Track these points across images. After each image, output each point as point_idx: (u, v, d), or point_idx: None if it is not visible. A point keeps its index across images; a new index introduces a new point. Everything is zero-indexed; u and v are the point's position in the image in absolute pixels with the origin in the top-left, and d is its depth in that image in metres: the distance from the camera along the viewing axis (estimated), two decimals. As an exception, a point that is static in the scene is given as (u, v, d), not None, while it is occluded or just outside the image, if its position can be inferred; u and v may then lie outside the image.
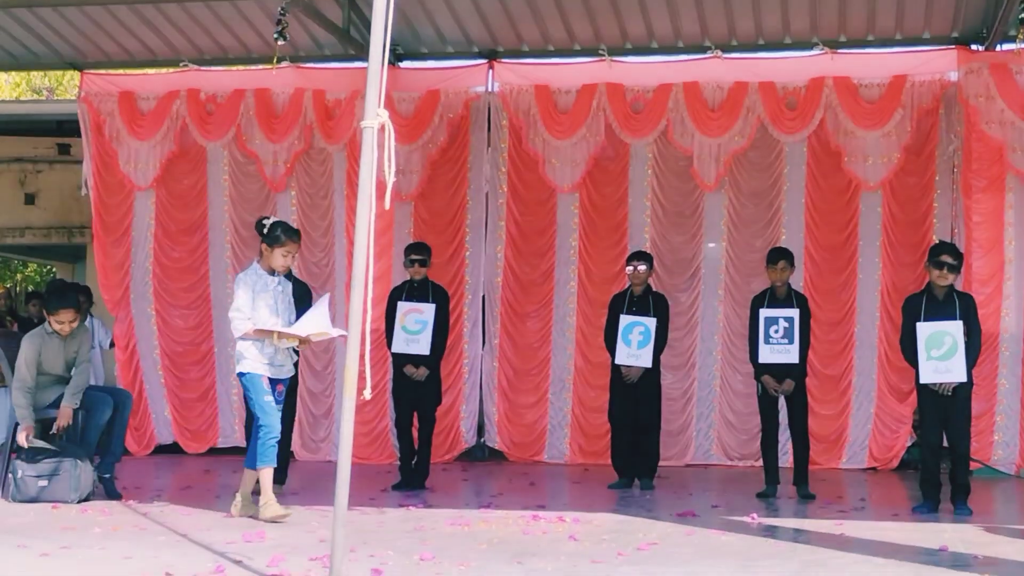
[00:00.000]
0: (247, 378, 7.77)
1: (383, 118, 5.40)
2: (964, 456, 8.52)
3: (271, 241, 7.80)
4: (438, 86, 11.70)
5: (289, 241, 7.85)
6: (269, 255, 7.83)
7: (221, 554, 6.32)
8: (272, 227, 7.84)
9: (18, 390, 8.63)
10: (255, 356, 7.75)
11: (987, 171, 10.71)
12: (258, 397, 7.73)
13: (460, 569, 5.98)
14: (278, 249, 7.80)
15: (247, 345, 7.75)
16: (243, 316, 7.72)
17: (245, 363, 7.75)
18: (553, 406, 11.67)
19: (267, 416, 7.72)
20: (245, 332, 7.71)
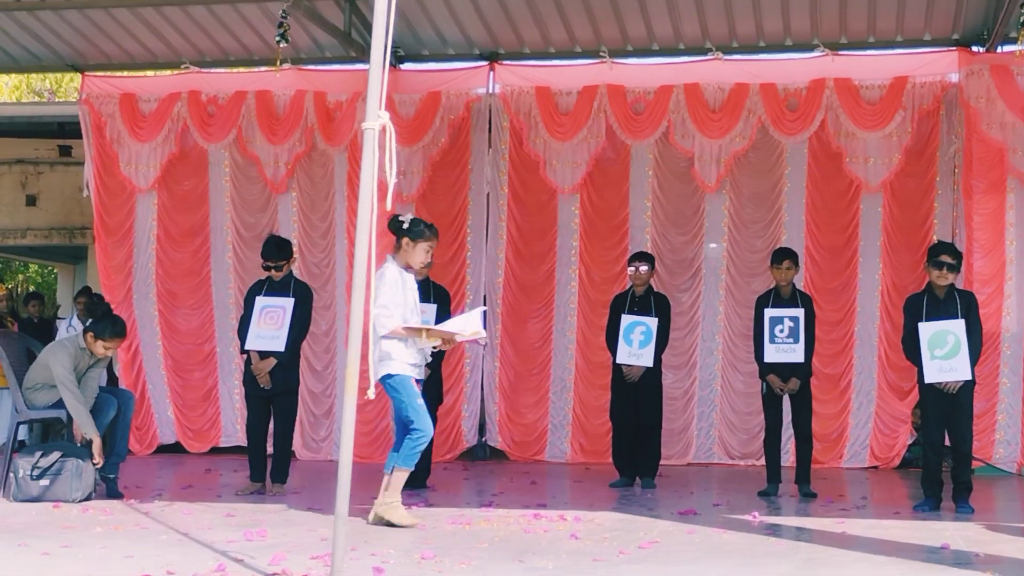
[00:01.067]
0: (397, 380, 7.39)
1: (384, 120, 5.40)
2: (966, 454, 8.53)
3: (415, 236, 7.51)
4: (439, 88, 11.72)
5: (433, 236, 7.65)
6: (410, 250, 7.54)
7: (223, 553, 6.30)
8: (414, 222, 7.56)
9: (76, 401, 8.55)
10: (402, 356, 7.40)
11: (988, 173, 10.73)
12: (410, 400, 7.42)
13: (461, 568, 5.98)
14: (422, 244, 7.56)
15: (393, 344, 7.38)
16: (389, 313, 7.34)
17: (393, 364, 7.38)
18: (554, 406, 11.68)
19: (421, 420, 7.42)
20: (392, 330, 7.37)
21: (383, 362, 7.39)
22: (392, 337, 7.38)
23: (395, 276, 7.48)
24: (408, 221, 7.58)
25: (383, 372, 7.39)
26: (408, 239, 7.54)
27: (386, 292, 7.37)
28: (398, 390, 7.41)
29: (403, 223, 7.56)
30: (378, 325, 7.29)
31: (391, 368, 7.39)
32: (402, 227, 7.56)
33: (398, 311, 7.40)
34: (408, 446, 7.46)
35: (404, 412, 7.44)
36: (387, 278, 7.42)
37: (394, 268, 7.52)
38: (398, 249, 7.60)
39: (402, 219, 7.59)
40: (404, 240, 7.55)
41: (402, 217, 7.61)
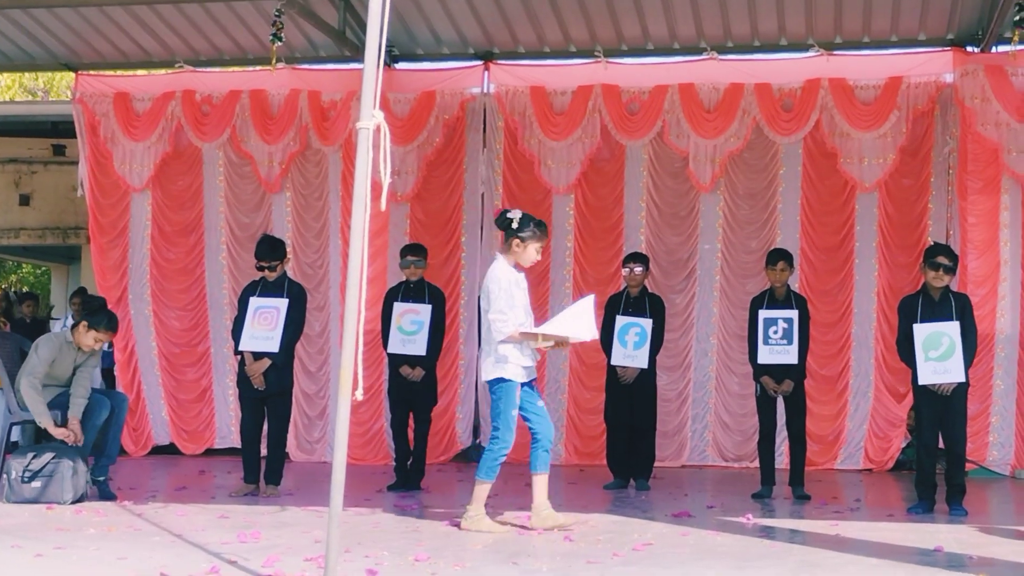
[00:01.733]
0: (505, 387, 7.32)
1: (379, 119, 5.39)
2: (960, 457, 8.54)
3: (526, 236, 7.35)
4: (434, 87, 11.70)
5: (543, 235, 7.52)
6: (521, 251, 7.38)
7: (216, 554, 6.30)
8: (524, 221, 7.36)
9: (30, 387, 8.59)
10: (517, 361, 7.31)
11: (983, 173, 10.72)
12: (508, 409, 7.32)
13: (455, 570, 5.98)
14: (534, 244, 7.38)
15: (509, 348, 7.29)
16: (505, 318, 7.25)
17: (508, 368, 7.30)
18: (548, 407, 11.60)
19: (508, 432, 7.37)
20: (510, 335, 7.29)
21: (499, 365, 7.33)
22: (508, 341, 7.30)
23: (509, 278, 7.37)
24: (518, 220, 7.38)
25: (496, 375, 7.34)
26: (519, 239, 7.39)
27: (502, 297, 7.28)
28: (501, 397, 7.36)
29: (512, 221, 7.39)
30: (495, 330, 7.28)
31: (505, 372, 7.33)
32: (511, 226, 7.39)
33: (513, 315, 7.31)
34: (488, 457, 7.45)
35: (496, 419, 7.40)
36: (502, 281, 7.32)
37: (507, 269, 7.40)
38: (507, 248, 7.44)
39: (511, 216, 7.41)
40: (514, 240, 7.39)
41: (511, 214, 7.43)
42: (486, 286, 7.41)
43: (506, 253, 7.44)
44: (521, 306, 7.38)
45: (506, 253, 7.44)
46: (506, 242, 7.43)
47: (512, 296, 7.31)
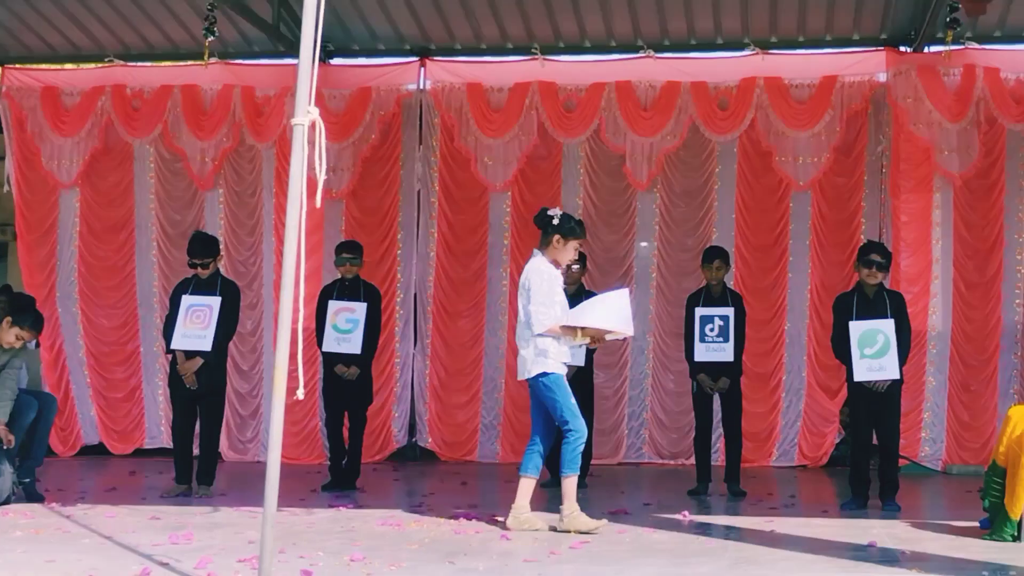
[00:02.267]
0: (552, 379, 7.25)
1: (314, 115, 5.33)
2: (893, 453, 8.64)
3: (567, 233, 7.35)
4: (369, 83, 11.63)
5: (582, 234, 7.54)
6: (561, 248, 7.38)
7: (148, 556, 6.20)
8: (565, 219, 7.38)
9: None
10: (556, 355, 7.27)
11: (915, 171, 10.86)
12: (565, 399, 7.25)
13: (391, 570, 5.93)
14: (573, 242, 7.40)
15: (548, 342, 7.24)
16: (546, 311, 7.20)
17: (549, 362, 7.25)
18: (485, 406, 11.64)
19: (576, 419, 7.28)
20: (550, 329, 7.25)
21: (539, 360, 7.27)
22: (547, 335, 7.25)
23: (550, 272, 7.35)
24: (558, 218, 7.38)
25: (538, 370, 7.27)
26: (559, 236, 7.37)
27: (542, 290, 7.25)
28: (553, 389, 7.27)
29: (552, 219, 7.38)
30: (535, 323, 7.23)
31: (547, 366, 7.27)
32: (551, 223, 7.38)
33: (552, 310, 7.27)
34: (568, 450, 7.31)
35: (559, 412, 7.29)
36: (544, 275, 7.30)
37: (547, 264, 7.38)
38: (546, 245, 7.41)
39: (551, 214, 7.40)
40: (555, 237, 7.37)
41: (551, 212, 7.42)
42: (525, 281, 7.39)
43: (544, 250, 7.43)
44: (559, 302, 7.36)
45: (544, 250, 7.43)
46: (545, 239, 7.43)
47: (552, 291, 7.31)
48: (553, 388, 7.26)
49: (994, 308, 10.89)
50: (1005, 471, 6.98)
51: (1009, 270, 10.97)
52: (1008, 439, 7.02)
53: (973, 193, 10.93)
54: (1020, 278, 10.97)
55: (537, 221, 7.48)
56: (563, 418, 7.27)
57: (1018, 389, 10.77)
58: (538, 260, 7.39)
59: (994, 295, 10.90)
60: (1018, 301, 10.97)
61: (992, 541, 6.87)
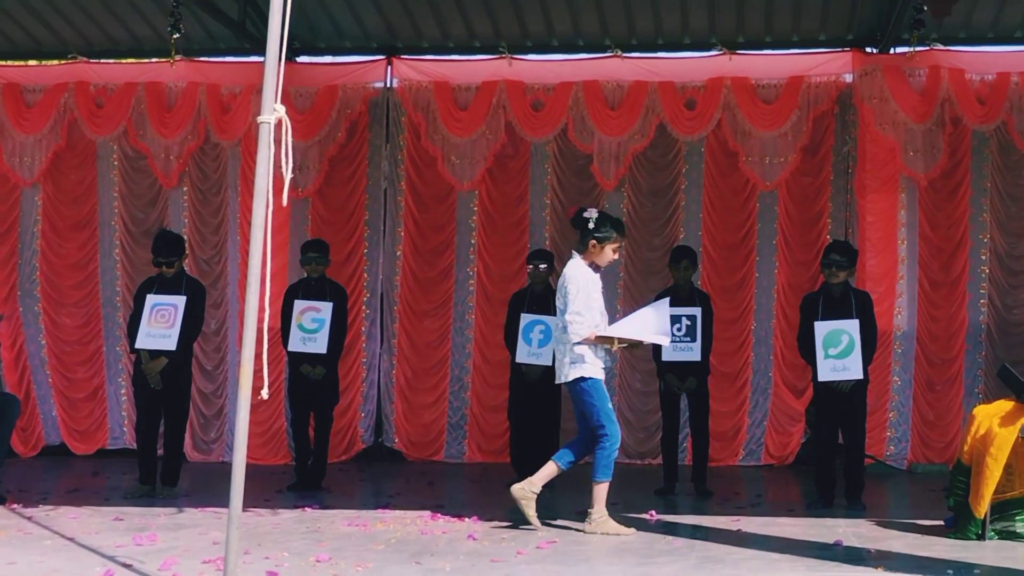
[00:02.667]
0: (592, 384, 7.24)
1: (280, 113, 5.30)
2: (859, 452, 8.68)
3: (603, 237, 7.30)
4: (336, 81, 11.57)
5: (621, 235, 7.47)
6: (598, 251, 7.33)
7: (110, 558, 6.17)
8: (602, 220, 7.33)
9: None
10: (594, 359, 7.26)
11: (880, 171, 10.92)
12: (603, 404, 7.23)
13: (357, 570, 5.91)
14: (611, 244, 7.33)
15: (585, 348, 7.24)
16: (583, 320, 7.19)
17: (586, 367, 7.23)
18: (451, 405, 11.61)
19: (612, 425, 7.24)
20: (586, 338, 7.22)
21: (576, 365, 7.25)
22: (583, 343, 7.23)
23: (587, 277, 7.29)
24: (595, 220, 7.32)
25: (576, 375, 7.25)
26: (596, 239, 7.32)
27: (580, 298, 7.20)
28: (591, 394, 7.24)
29: (589, 220, 7.32)
30: (571, 332, 7.20)
31: (585, 371, 7.24)
32: (588, 225, 7.32)
33: (590, 317, 7.24)
34: (601, 456, 7.27)
35: (596, 417, 7.25)
36: (580, 281, 7.25)
37: (584, 268, 7.32)
38: (583, 248, 7.37)
39: (587, 216, 7.34)
40: (592, 240, 7.33)
41: (587, 213, 7.36)
42: (562, 286, 7.35)
43: (582, 252, 7.38)
44: (597, 308, 7.33)
45: (582, 252, 7.38)
46: (582, 241, 7.38)
47: (590, 297, 7.26)
48: (591, 392, 7.25)
49: (959, 308, 10.96)
50: (969, 470, 7.04)
51: (974, 270, 11.05)
52: (972, 438, 7.07)
53: (938, 193, 11.00)
54: (985, 278, 11.05)
55: (573, 223, 7.46)
56: (599, 422, 7.25)
57: (983, 388, 10.85)
58: (575, 263, 7.35)
59: (959, 295, 10.97)
60: (983, 301, 11.04)
61: (956, 540, 6.94)
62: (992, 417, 7.03)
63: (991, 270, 11.04)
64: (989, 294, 11.04)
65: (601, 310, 7.37)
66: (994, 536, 6.95)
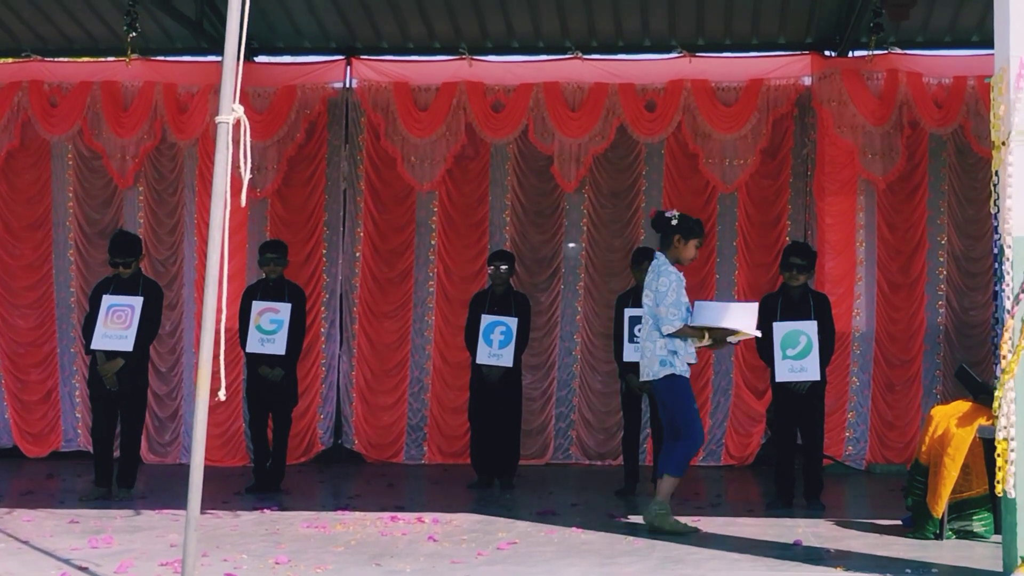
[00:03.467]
0: (681, 382, 7.32)
1: (239, 113, 5.26)
2: (817, 453, 8.73)
3: (686, 233, 7.43)
4: (294, 81, 11.52)
5: (702, 232, 7.59)
6: (682, 248, 7.45)
7: (66, 561, 6.11)
8: (683, 219, 7.45)
9: None
10: (684, 354, 7.33)
11: (839, 174, 10.99)
12: (690, 403, 7.33)
13: (317, 572, 5.88)
14: (693, 241, 7.46)
15: (677, 344, 7.31)
16: (676, 313, 7.25)
17: (676, 366, 7.30)
18: (411, 407, 11.57)
19: (695, 426, 7.29)
20: (679, 330, 7.28)
21: (665, 363, 7.28)
22: (676, 336, 7.26)
23: (676, 275, 7.35)
24: (677, 218, 7.45)
25: (665, 372, 7.28)
26: (679, 236, 7.42)
27: (672, 291, 7.26)
28: (677, 392, 7.29)
29: (671, 220, 7.43)
30: (664, 325, 7.25)
31: (676, 368, 7.28)
32: (670, 224, 7.42)
33: (681, 311, 7.27)
34: (680, 453, 7.28)
35: (679, 415, 7.28)
36: (670, 276, 7.31)
37: (671, 266, 7.38)
38: (667, 246, 7.46)
39: (668, 216, 7.47)
40: (675, 237, 7.43)
41: (668, 214, 7.49)
42: (651, 283, 7.40)
43: (667, 251, 7.47)
44: (685, 303, 7.37)
45: (667, 251, 7.47)
46: (665, 240, 7.49)
47: (680, 292, 7.33)
48: (677, 391, 7.32)
49: (917, 309, 11.04)
50: (927, 470, 7.09)
51: (932, 272, 11.14)
52: (930, 439, 7.12)
53: (896, 196, 11.09)
54: (943, 280, 11.14)
55: (655, 224, 7.57)
56: (683, 421, 7.30)
57: (941, 389, 10.94)
58: (661, 261, 7.44)
59: (917, 296, 11.06)
60: (941, 302, 11.13)
61: (915, 539, 7.00)
62: (950, 418, 7.08)
63: (949, 272, 11.14)
64: (947, 296, 11.13)
65: (688, 305, 7.42)
66: (952, 535, 7.01)
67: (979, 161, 10.91)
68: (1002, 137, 5.71)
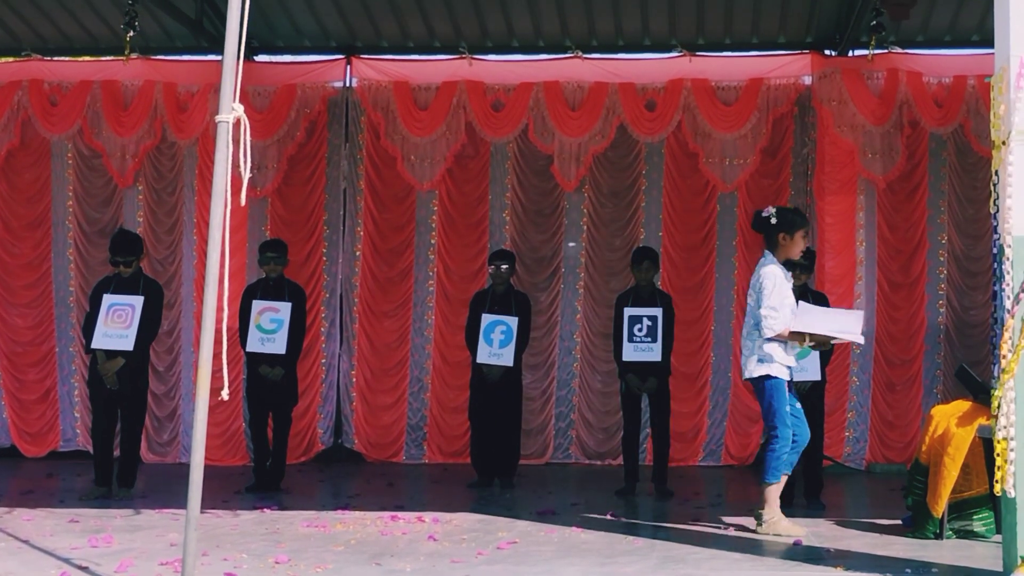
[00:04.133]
0: (775, 384, 7.22)
1: (239, 112, 5.26)
2: (817, 452, 8.71)
3: (789, 227, 7.31)
4: (294, 80, 11.52)
5: (805, 222, 7.45)
6: (788, 244, 7.33)
7: (66, 560, 6.11)
8: (781, 214, 7.33)
9: None
10: (783, 359, 7.25)
11: (839, 173, 10.99)
12: (781, 406, 7.21)
13: (317, 572, 5.87)
14: (798, 233, 7.33)
15: (774, 347, 7.22)
16: (777, 315, 7.16)
17: (774, 366, 7.22)
18: (411, 406, 11.56)
19: (786, 429, 7.21)
20: (779, 333, 7.19)
21: (763, 363, 7.23)
22: (775, 340, 7.21)
23: (781, 275, 7.28)
24: (774, 215, 7.34)
25: (762, 373, 7.24)
26: (784, 234, 7.32)
27: (774, 293, 7.20)
28: (772, 394, 7.24)
29: (769, 219, 7.34)
30: (765, 327, 7.18)
31: (771, 370, 7.23)
32: (770, 223, 7.33)
33: (783, 313, 7.22)
34: (771, 457, 7.27)
35: (771, 418, 7.25)
36: (776, 278, 7.24)
37: (777, 266, 7.32)
38: (774, 245, 7.37)
39: (766, 215, 7.37)
40: (779, 236, 7.34)
41: (766, 213, 7.39)
42: (757, 282, 7.33)
43: (774, 251, 7.39)
44: (789, 305, 7.31)
45: (774, 251, 7.39)
46: (770, 240, 7.40)
47: (784, 294, 7.27)
48: (772, 393, 7.26)
49: (918, 309, 11.04)
50: (927, 470, 7.09)
51: (932, 271, 11.14)
52: (930, 438, 7.12)
53: (896, 195, 11.09)
54: (943, 279, 11.14)
55: (756, 226, 7.50)
56: (773, 423, 7.27)
57: (941, 389, 10.93)
58: (768, 261, 7.36)
59: (918, 296, 11.06)
60: (941, 302, 11.13)
61: (915, 539, 6.99)
62: (950, 417, 7.08)
63: (949, 271, 11.14)
64: (947, 295, 11.13)
65: (793, 307, 7.35)
66: (952, 535, 7.00)
67: (979, 160, 10.91)
68: (1002, 137, 5.71)
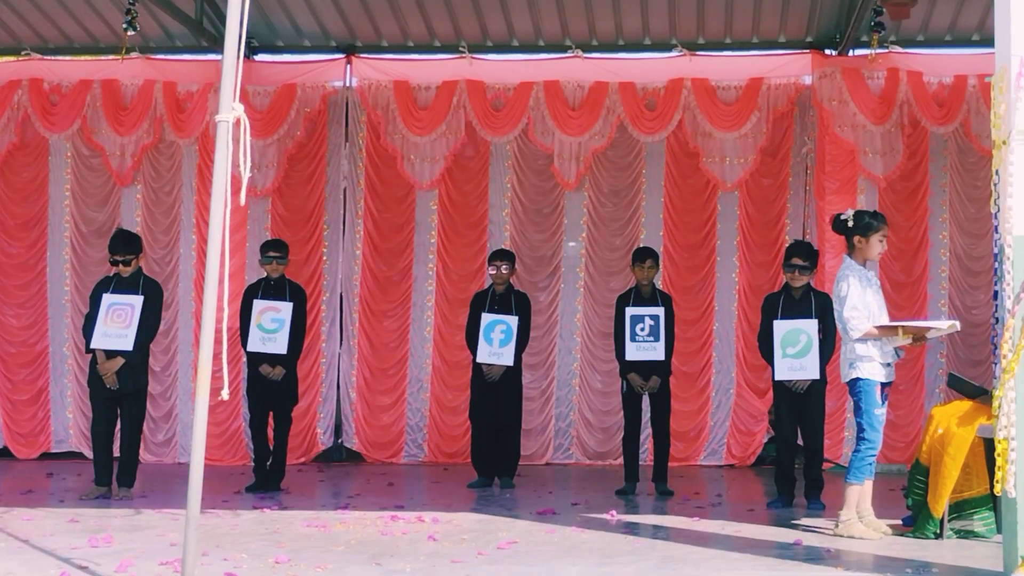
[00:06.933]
0: (864, 385, 7.18)
1: (239, 112, 5.26)
2: (818, 452, 8.74)
3: (866, 229, 7.30)
4: (294, 80, 11.52)
5: (882, 223, 7.42)
6: (866, 246, 7.31)
7: (66, 560, 6.10)
8: (858, 217, 7.36)
9: None
10: (874, 358, 7.18)
11: (839, 173, 10.97)
12: (870, 408, 7.16)
13: (317, 571, 5.87)
14: (875, 236, 7.31)
15: (867, 347, 7.17)
16: (859, 315, 7.13)
17: (865, 368, 7.17)
18: (411, 406, 11.56)
19: (875, 432, 7.18)
20: (867, 332, 7.15)
21: (854, 366, 7.22)
22: (865, 339, 7.19)
23: (860, 275, 7.29)
24: (852, 218, 7.38)
25: (853, 375, 7.23)
26: (859, 236, 7.34)
27: (854, 292, 7.20)
28: (862, 396, 7.22)
29: (847, 221, 7.37)
30: (851, 328, 7.18)
31: (861, 372, 7.21)
32: (847, 225, 7.36)
33: (866, 312, 7.20)
34: (857, 459, 7.23)
35: (861, 419, 7.23)
36: (850, 279, 7.24)
37: (856, 268, 7.33)
38: (852, 248, 7.39)
39: (844, 218, 7.41)
40: (856, 238, 7.35)
41: (843, 216, 7.43)
42: (838, 289, 7.34)
43: (852, 253, 7.41)
44: (875, 303, 7.30)
45: (852, 253, 7.41)
46: (848, 243, 7.43)
47: (864, 292, 7.26)
48: (862, 395, 7.23)
49: (920, 308, 11.01)
50: (928, 470, 7.10)
51: (934, 271, 11.13)
52: (931, 438, 7.13)
53: (897, 195, 11.07)
54: (945, 278, 11.13)
55: (835, 230, 7.51)
56: (862, 425, 7.25)
57: (944, 388, 10.91)
58: (847, 264, 7.38)
59: (920, 295, 11.05)
60: (943, 301, 11.10)
61: (915, 538, 7.00)
62: (950, 417, 7.08)
63: (951, 271, 11.13)
64: (949, 294, 11.12)
65: (881, 306, 7.34)
66: (952, 535, 7.01)
67: (981, 159, 10.89)
68: (1003, 136, 5.71)
